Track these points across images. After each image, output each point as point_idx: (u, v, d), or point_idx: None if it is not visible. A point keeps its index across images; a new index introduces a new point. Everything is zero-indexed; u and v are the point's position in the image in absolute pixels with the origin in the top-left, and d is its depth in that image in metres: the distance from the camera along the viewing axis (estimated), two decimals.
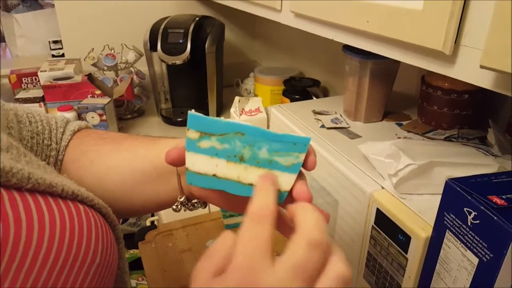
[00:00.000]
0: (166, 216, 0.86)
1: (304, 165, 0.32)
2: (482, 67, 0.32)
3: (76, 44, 1.30)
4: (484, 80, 0.35)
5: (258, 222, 0.26)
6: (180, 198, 0.42)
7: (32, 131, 0.42)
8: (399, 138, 0.63)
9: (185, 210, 0.43)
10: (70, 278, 0.29)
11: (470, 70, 0.36)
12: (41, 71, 1.17)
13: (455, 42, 0.36)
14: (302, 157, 0.31)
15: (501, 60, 0.31)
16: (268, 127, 0.88)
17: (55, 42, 1.48)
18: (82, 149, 0.44)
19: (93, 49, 1.16)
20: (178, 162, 0.34)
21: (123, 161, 0.42)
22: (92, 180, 0.41)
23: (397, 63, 0.65)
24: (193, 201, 0.43)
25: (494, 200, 0.35)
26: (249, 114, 0.90)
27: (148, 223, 0.93)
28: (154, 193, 0.42)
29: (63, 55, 1.37)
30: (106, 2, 1.29)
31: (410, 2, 0.39)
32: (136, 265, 1.06)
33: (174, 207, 0.42)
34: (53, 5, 1.33)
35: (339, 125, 0.68)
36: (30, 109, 0.44)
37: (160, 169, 0.41)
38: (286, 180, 0.31)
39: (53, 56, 1.47)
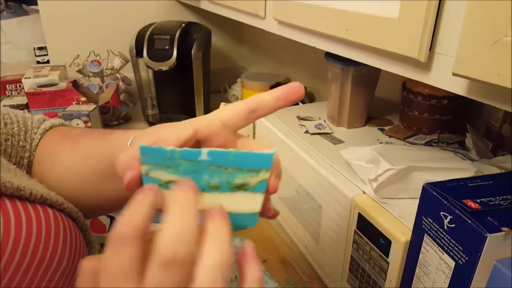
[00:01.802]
0: None
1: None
2: (454, 74, 0.33)
3: (61, 50, 1.29)
4: (458, 87, 0.36)
5: (119, 243, 0.23)
6: None
7: (7, 133, 0.41)
8: (380, 143, 0.64)
9: None
10: (35, 280, 0.29)
11: (444, 77, 0.37)
12: (25, 78, 1.15)
13: (429, 49, 0.37)
14: (267, 174, 0.29)
15: (471, 68, 0.31)
16: (254, 132, 0.88)
17: (40, 48, 1.47)
18: (46, 150, 0.43)
19: (78, 55, 1.15)
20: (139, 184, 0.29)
21: (79, 161, 0.41)
22: (53, 182, 0.40)
23: (378, 69, 0.66)
24: None
25: (468, 204, 0.35)
26: None
27: None
28: (116, 191, 0.39)
29: (48, 61, 1.35)
30: (91, 8, 1.28)
31: (386, 10, 0.40)
32: None
33: None
34: (38, 11, 1.31)
35: (322, 131, 0.68)
36: (7, 110, 0.43)
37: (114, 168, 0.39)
38: (255, 201, 0.29)
39: (38, 62, 1.45)
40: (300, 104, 1.03)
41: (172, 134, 0.30)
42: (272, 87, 1.10)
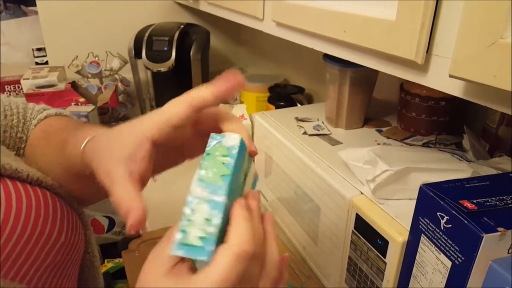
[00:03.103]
0: (150, 224, 0.86)
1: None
2: (451, 76, 0.33)
3: (60, 51, 1.29)
4: (455, 89, 0.36)
5: (245, 259, 0.26)
6: None
7: (6, 125, 0.42)
8: (378, 144, 0.64)
9: None
10: (34, 251, 0.31)
11: (441, 79, 0.37)
12: (24, 79, 1.15)
13: (427, 51, 0.38)
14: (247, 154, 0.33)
15: (468, 69, 0.32)
16: (252, 133, 0.88)
17: (38, 49, 1.47)
18: (30, 143, 0.44)
19: (77, 56, 1.16)
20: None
21: (48, 164, 0.41)
22: None
23: (376, 71, 0.66)
24: None
25: (465, 205, 0.36)
26: None
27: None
28: (86, 191, 0.40)
29: (46, 62, 1.36)
30: (90, 9, 1.29)
31: (384, 13, 0.41)
32: (122, 274, 1.05)
33: None
34: (36, 13, 1.32)
35: (320, 132, 0.69)
36: (9, 101, 0.44)
37: (75, 172, 0.37)
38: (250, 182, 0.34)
39: (37, 63, 1.46)
40: (299, 105, 1.03)
41: (135, 153, 0.30)
42: (270, 89, 1.11)
